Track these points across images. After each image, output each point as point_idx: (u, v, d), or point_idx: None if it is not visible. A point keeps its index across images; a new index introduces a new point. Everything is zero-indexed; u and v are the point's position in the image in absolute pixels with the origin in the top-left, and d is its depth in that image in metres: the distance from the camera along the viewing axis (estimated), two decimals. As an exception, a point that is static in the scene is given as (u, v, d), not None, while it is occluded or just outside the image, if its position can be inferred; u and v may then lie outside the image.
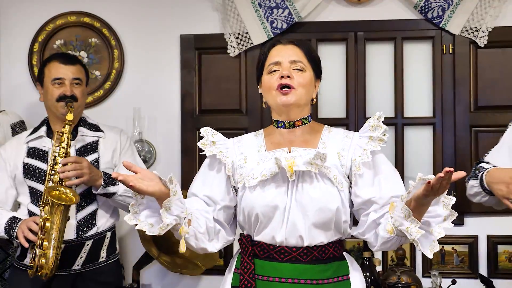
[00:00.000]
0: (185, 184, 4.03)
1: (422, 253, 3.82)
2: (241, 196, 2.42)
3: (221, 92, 4.09)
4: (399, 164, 3.98)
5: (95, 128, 3.42)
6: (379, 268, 3.77)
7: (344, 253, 2.46)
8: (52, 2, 4.24)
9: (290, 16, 3.98)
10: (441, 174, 2.06)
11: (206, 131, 2.50)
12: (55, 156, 3.13)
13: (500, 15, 3.86)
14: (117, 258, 3.47)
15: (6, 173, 3.31)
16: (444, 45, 3.94)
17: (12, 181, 3.30)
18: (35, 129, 3.39)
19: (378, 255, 3.93)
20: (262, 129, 2.58)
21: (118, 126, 4.09)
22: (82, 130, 3.36)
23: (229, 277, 2.49)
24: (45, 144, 3.30)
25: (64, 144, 3.14)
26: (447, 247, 3.93)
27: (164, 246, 3.77)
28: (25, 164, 3.27)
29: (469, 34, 3.87)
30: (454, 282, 3.54)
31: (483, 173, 2.82)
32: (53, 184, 3.10)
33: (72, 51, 4.22)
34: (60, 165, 3.09)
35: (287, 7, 3.98)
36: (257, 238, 2.39)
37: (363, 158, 2.37)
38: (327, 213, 2.32)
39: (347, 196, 2.39)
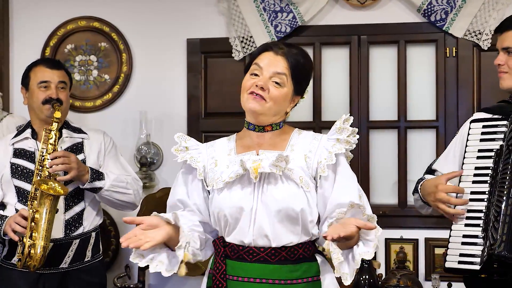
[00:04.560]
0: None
1: (425, 256, 3.89)
2: (211, 199, 2.46)
3: (226, 95, 4.13)
4: (402, 167, 3.99)
5: (78, 130, 3.47)
6: (379, 271, 3.78)
7: (317, 255, 2.46)
8: (63, 7, 4.34)
9: (294, 20, 4.01)
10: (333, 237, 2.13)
11: (179, 137, 2.53)
12: (43, 153, 3.20)
13: (503, 18, 3.83)
14: (101, 258, 3.52)
15: None
16: (448, 48, 3.94)
17: None
18: (20, 132, 3.44)
19: (379, 259, 3.94)
20: (235, 134, 2.60)
21: (126, 129, 4.21)
22: (66, 132, 3.42)
23: (205, 278, 2.53)
24: (31, 145, 3.35)
25: (51, 141, 3.20)
26: (450, 251, 3.91)
27: (166, 247, 3.84)
28: (12, 164, 3.33)
29: (472, 37, 3.87)
30: (449, 286, 3.54)
31: (419, 185, 2.89)
32: (42, 178, 3.16)
33: (82, 55, 4.32)
34: (48, 160, 3.16)
35: (291, 11, 4.01)
36: (228, 239, 2.44)
37: (328, 161, 2.39)
38: (291, 213, 2.35)
39: (314, 197, 2.41)
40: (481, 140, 2.78)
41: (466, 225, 2.72)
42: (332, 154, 2.40)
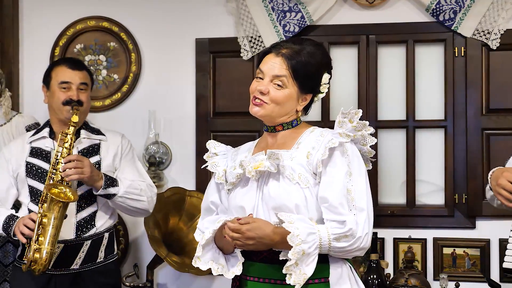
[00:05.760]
0: (200, 185, 4.12)
1: (433, 256, 3.89)
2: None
3: (235, 95, 4.14)
4: (410, 167, 3.98)
5: (97, 132, 3.47)
6: (388, 271, 3.78)
7: (329, 256, 2.42)
8: (72, 7, 4.35)
9: (302, 20, 4.01)
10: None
11: (210, 144, 2.65)
12: (57, 156, 3.20)
13: (512, 17, 3.85)
14: (115, 259, 3.51)
15: (8, 173, 3.37)
16: (456, 48, 3.93)
17: (14, 180, 3.37)
18: (38, 130, 3.46)
19: (387, 258, 3.94)
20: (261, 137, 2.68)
21: (135, 128, 4.22)
22: (84, 133, 3.42)
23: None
24: (48, 144, 3.36)
25: (67, 145, 3.21)
26: (459, 250, 3.92)
27: (174, 246, 3.85)
28: (27, 163, 3.34)
29: (481, 36, 3.86)
30: (457, 286, 3.54)
31: (490, 173, 2.84)
32: (54, 182, 3.17)
33: (91, 55, 4.33)
34: (62, 164, 3.17)
35: (300, 10, 4.02)
36: None
37: (323, 156, 2.39)
38: (285, 210, 2.37)
39: (314, 193, 2.40)
40: None
41: None
42: (326, 149, 2.39)
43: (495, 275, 3.87)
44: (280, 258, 2.34)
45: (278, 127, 2.52)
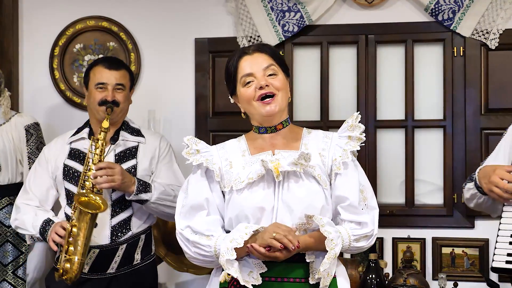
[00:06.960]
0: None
1: (432, 256, 3.89)
2: (228, 200, 2.45)
3: (234, 94, 4.13)
4: (409, 167, 3.99)
5: (136, 132, 3.41)
6: (386, 270, 3.78)
7: None
8: (72, 7, 4.36)
9: (301, 19, 4.02)
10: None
11: (190, 140, 2.54)
12: (89, 162, 3.17)
13: (511, 17, 3.84)
14: (152, 259, 3.43)
15: (48, 173, 3.34)
16: (455, 48, 3.94)
17: (53, 182, 3.34)
18: (78, 130, 3.40)
19: (386, 258, 3.94)
20: (244, 135, 2.62)
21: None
22: (123, 134, 3.37)
23: (214, 278, 2.50)
24: (86, 146, 3.29)
25: (98, 151, 3.16)
26: (458, 250, 3.92)
27: (173, 246, 3.85)
28: (65, 166, 3.30)
29: (480, 36, 3.87)
30: (456, 285, 3.54)
31: (477, 171, 2.83)
32: (83, 191, 3.13)
33: (91, 55, 4.34)
34: (93, 171, 3.12)
35: (299, 10, 4.02)
36: None
37: (343, 158, 2.45)
38: (312, 211, 2.36)
39: (329, 194, 2.44)
40: None
41: None
42: (348, 151, 2.46)
43: (493, 275, 3.87)
44: (308, 261, 2.37)
45: (278, 126, 2.51)
